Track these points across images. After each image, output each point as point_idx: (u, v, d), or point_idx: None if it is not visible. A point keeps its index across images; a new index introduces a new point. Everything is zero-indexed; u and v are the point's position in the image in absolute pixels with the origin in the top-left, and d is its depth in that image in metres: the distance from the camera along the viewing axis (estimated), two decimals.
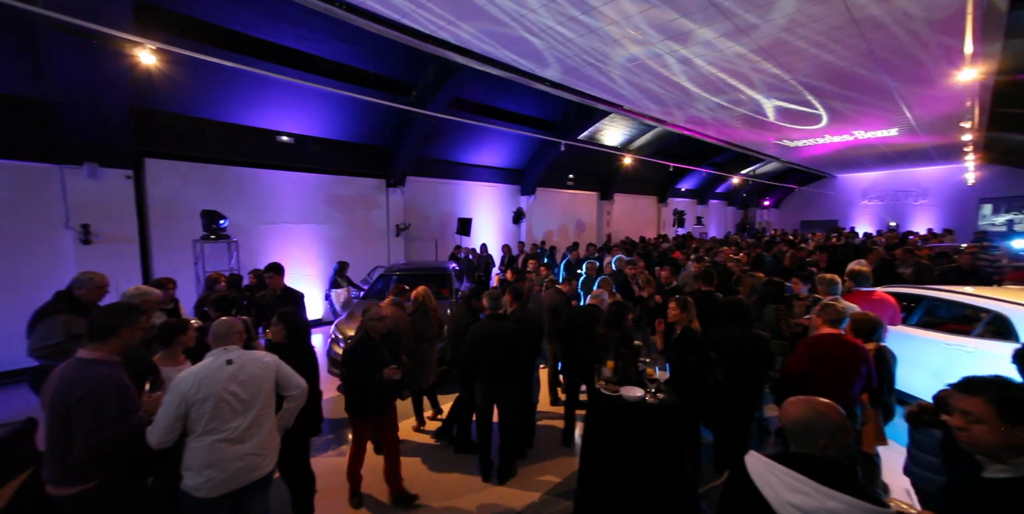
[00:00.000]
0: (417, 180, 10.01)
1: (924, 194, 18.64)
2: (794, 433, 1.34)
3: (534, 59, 5.93)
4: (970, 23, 3.95)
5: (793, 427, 1.34)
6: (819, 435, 1.29)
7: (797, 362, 2.79)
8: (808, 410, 1.35)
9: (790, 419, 1.36)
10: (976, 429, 1.21)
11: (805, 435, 1.32)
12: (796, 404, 1.39)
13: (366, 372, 2.72)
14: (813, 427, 1.31)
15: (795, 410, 1.37)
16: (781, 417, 1.40)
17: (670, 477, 2.47)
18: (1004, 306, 3.40)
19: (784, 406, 1.41)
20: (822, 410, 1.35)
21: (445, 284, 6.36)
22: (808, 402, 1.38)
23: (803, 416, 1.34)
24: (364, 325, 2.88)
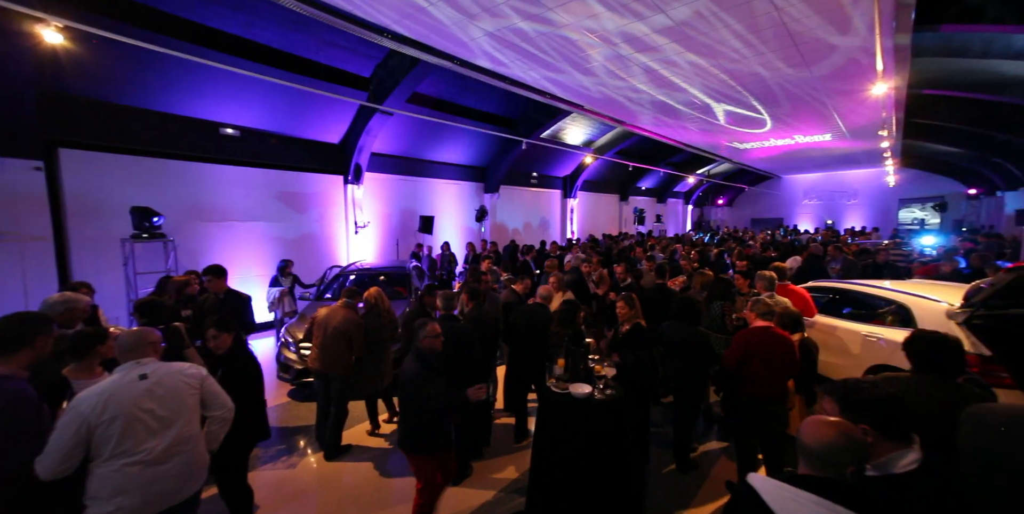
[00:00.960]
0: (377, 177, 9.72)
1: (855, 194, 20.35)
2: (820, 456, 1.19)
3: (490, 58, 5.90)
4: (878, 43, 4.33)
5: (821, 450, 1.19)
6: (849, 460, 1.18)
7: (733, 353, 2.97)
8: (836, 433, 1.21)
9: (818, 442, 1.20)
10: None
11: (835, 460, 1.19)
12: (822, 426, 1.23)
13: (435, 400, 2.38)
14: (844, 453, 1.19)
15: (823, 432, 1.22)
16: (804, 437, 1.23)
17: (618, 471, 2.55)
18: (906, 298, 3.78)
19: (808, 426, 1.25)
20: (851, 433, 1.22)
21: (404, 283, 6.24)
22: (834, 425, 1.24)
23: (833, 440, 1.20)
24: (419, 345, 2.47)
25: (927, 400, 1.99)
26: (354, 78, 7.61)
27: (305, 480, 3.13)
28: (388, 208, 10.11)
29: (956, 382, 2.05)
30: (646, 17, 4.54)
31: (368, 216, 9.25)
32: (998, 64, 6.28)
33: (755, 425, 2.95)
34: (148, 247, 5.75)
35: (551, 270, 5.84)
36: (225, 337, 2.37)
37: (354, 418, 3.87)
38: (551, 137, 12.00)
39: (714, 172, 19.91)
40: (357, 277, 6.20)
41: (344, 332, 3.33)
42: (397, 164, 10.16)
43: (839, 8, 4.21)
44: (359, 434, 3.77)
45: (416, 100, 8.59)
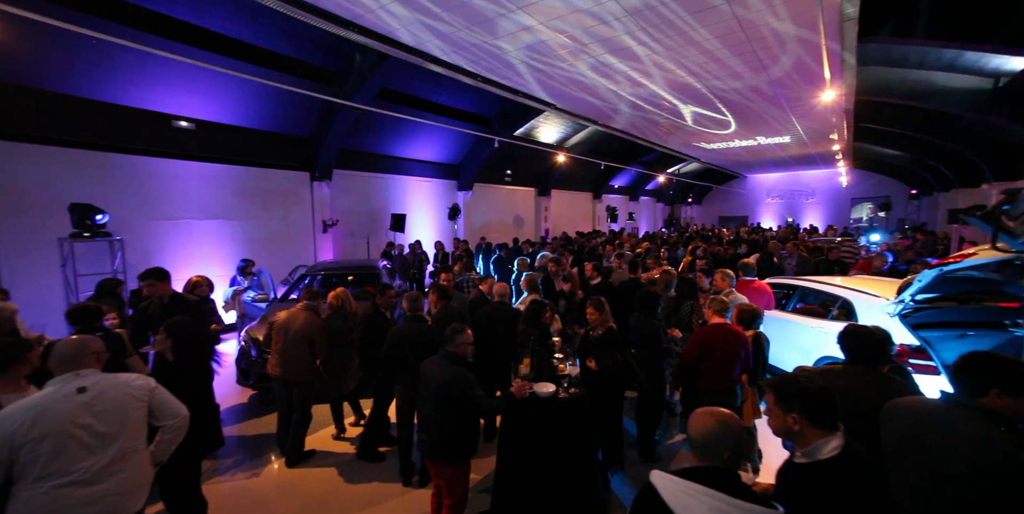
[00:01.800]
0: (346, 174, 9.48)
1: (812, 194, 21.52)
2: (702, 446, 1.29)
3: (463, 54, 5.86)
4: (824, 53, 4.60)
5: (702, 440, 1.29)
6: (725, 447, 1.27)
7: (691, 350, 3.11)
8: (714, 422, 1.30)
9: (698, 431, 1.31)
10: (770, 419, 1.47)
11: (713, 447, 1.28)
12: (702, 416, 1.34)
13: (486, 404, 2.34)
14: (721, 440, 1.28)
15: (702, 422, 1.32)
16: (689, 430, 1.34)
17: (581, 470, 2.61)
18: (849, 293, 4.06)
19: (692, 418, 1.36)
20: (727, 420, 1.31)
21: (374, 283, 6.13)
22: (712, 414, 1.33)
23: (711, 428, 1.29)
24: (455, 351, 2.43)
25: (857, 388, 2.16)
26: (321, 72, 7.38)
27: (265, 489, 3.05)
28: (358, 206, 9.88)
29: (883, 372, 2.24)
30: (609, 21, 4.63)
31: (337, 214, 9.02)
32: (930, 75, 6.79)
33: None
34: (92, 247, 5.39)
35: (523, 269, 5.90)
36: (166, 342, 2.25)
37: (318, 422, 3.80)
38: (525, 135, 12.05)
39: (684, 171, 20.54)
40: (324, 277, 6.05)
41: (306, 336, 3.26)
42: (368, 161, 9.94)
43: (795, 17, 4.44)
44: (324, 439, 3.70)
45: (386, 96, 8.42)
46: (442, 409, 2.34)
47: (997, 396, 1.41)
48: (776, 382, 1.52)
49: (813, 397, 1.46)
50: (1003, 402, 1.40)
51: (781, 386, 1.48)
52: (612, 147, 14.74)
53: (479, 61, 6.09)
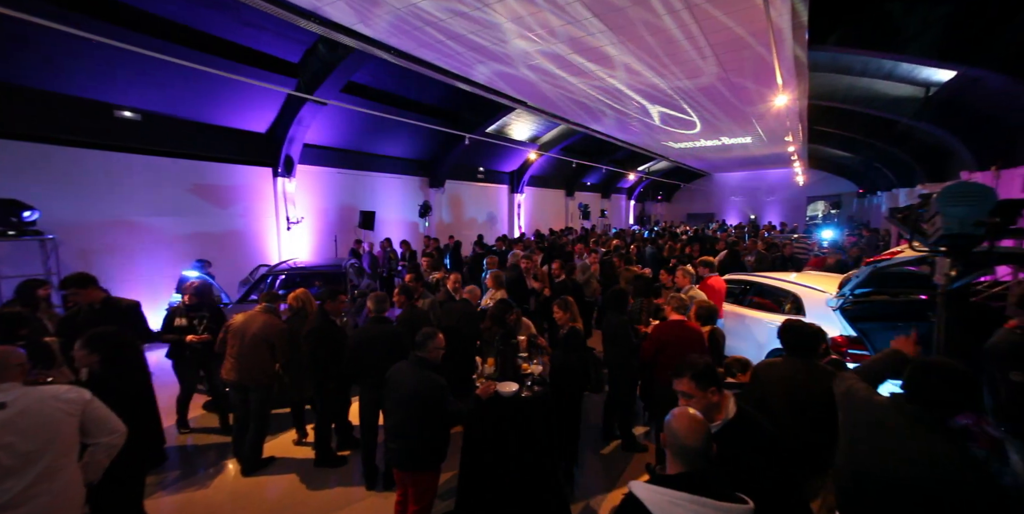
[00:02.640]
0: (311, 169, 9.17)
1: (773, 192, 22.61)
2: (698, 451, 1.26)
3: (431, 49, 5.76)
4: (776, 60, 4.84)
5: (701, 445, 1.26)
6: (711, 445, 1.27)
7: (650, 345, 3.23)
8: (701, 423, 1.29)
9: (694, 436, 1.26)
10: (691, 403, 1.57)
11: (707, 450, 1.26)
12: (692, 423, 1.29)
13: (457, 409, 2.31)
14: (709, 438, 1.27)
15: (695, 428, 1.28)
16: (682, 439, 1.27)
17: (545, 468, 2.65)
18: (798, 289, 4.32)
19: (677, 427, 1.30)
20: (703, 419, 1.32)
21: (340, 283, 5.99)
22: (692, 415, 1.31)
23: (703, 431, 1.27)
24: (426, 356, 2.38)
25: (794, 378, 2.32)
26: (281, 63, 7.07)
27: (217, 499, 2.93)
28: (325, 203, 9.59)
29: (816, 363, 2.41)
30: (581, 20, 4.68)
31: (302, 211, 8.72)
32: (873, 82, 7.27)
33: (670, 408, 3.24)
34: (16, 246, 4.97)
35: (492, 267, 5.92)
36: (88, 355, 2.08)
37: (278, 428, 3.69)
38: (497, 132, 12.01)
39: (654, 169, 21.09)
40: (287, 277, 5.84)
41: (265, 339, 3.15)
42: (334, 156, 9.64)
43: (747, 24, 4.63)
44: (284, 445, 3.60)
45: (352, 90, 8.18)
46: (414, 417, 2.30)
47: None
48: (689, 367, 1.66)
49: (712, 368, 1.68)
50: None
51: (695, 369, 1.65)
52: (584, 145, 14.93)
53: (448, 58, 6.02)
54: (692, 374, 1.63)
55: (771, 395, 2.35)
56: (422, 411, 2.29)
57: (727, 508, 1.15)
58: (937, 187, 2.00)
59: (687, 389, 1.63)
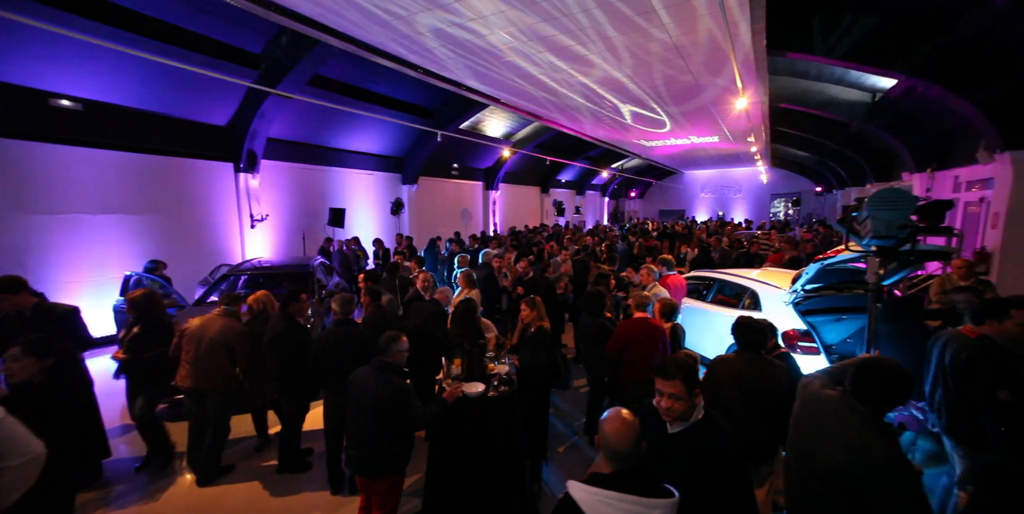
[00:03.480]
0: (278, 165, 8.83)
1: (740, 189, 23.53)
2: (625, 454, 1.32)
3: (399, 43, 5.64)
4: (734, 65, 5.03)
5: (626, 449, 1.32)
6: (639, 446, 1.33)
7: (615, 342, 3.32)
8: (629, 430, 1.34)
9: (623, 442, 1.32)
10: (677, 404, 1.59)
11: (634, 453, 1.32)
12: (620, 427, 1.35)
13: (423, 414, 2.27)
14: (638, 441, 1.33)
15: (623, 432, 1.34)
16: (611, 443, 1.33)
17: (511, 468, 2.68)
18: (755, 284, 4.54)
19: (608, 431, 1.36)
20: (635, 422, 1.36)
21: (307, 282, 5.81)
22: (626, 423, 1.36)
23: (631, 436, 1.33)
24: (391, 360, 2.35)
25: (746, 371, 2.45)
26: (241, 54, 6.75)
27: (167, 513, 2.81)
28: (291, 199, 9.27)
29: (765, 357, 2.56)
30: (555, 17, 4.69)
31: (267, 208, 8.39)
32: (826, 87, 7.67)
33: (633, 402, 3.35)
34: None
35: (463, 265, 5.90)
36: (27, 363, 1.94)
37: (239, 434, 3.58)
38: (470, 129, 11.92)
39: (627, 167, 21.49)
40: (251, 277, 5.62)
41: (224, 343, 3.03)
42: (301, 152, 9.32)
43: (707, 29, 4.78)
44: (245, 452, 3.49)
45: (318, 83, 7.91)
46: (376, 423, 2.27)
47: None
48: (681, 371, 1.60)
49: (695, 370, 1.67)
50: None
51: (686, 371, 1.60)
52: (558, 142, 15.02)
53: (418, 52, 5.91)
54: (684, 375, 1.57)
55: (724, 388, 2.48)
56: (386, 417, 2.26)
57: (653, 503, 1.22)
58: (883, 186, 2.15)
59: (676, 391, 1.57)
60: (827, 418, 1.67)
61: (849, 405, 1.62)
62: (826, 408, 1.69)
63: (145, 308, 3.15)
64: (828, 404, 1.69)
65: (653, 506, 1.22)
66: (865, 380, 1.62)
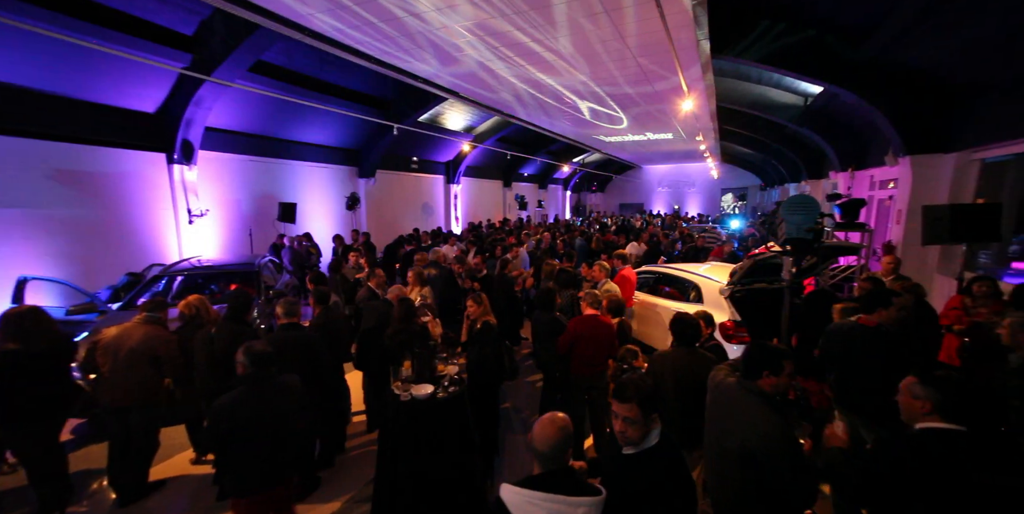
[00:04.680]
0: (220, 157, 8.22)
1: (693, 184, 24.69)
2: (550, 455, 1.36)
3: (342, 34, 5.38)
4: (679, 69, 5.25)
5: (550, 450, 1.36)
6: (566, 448, 1.38)
7: (565, 339, 3.42)
8: (556, 431, 1.38)
9: (546, 444, 1.36)
10: (631, 429, 1.54)
11: (559, 454, 1.37)
12: (545, 428, 1.39)
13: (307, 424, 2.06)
14: (564, 444, 1.37)
15: (547, 434, 1.38)
16: (535, 444, 1.38)
17: (463, 469, 2.70)
18: (698, 279, 4.83)
19: (537, 432, 1.40)
20: (565, 425, 1.40)
21: (253, 283, 5.51)
22: (553, 423, 1.40)
23: (555, 437, 1.37)
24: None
25: (682, 365, 2.62)
26: (171, 35, 6.16)
27: None
28: (236, 193, 8.69)
29: (699, 350, 2.74)
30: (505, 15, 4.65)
31: (207, 203, 7.81)
32: (766, 90, 8.17)
33: (582, 397, 3.49)
34: None
35: (421, 263, 5.81)
36: None
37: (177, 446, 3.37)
38: (429, 121, 11.65)
39: (588, 161, 21.88)
40: (186, 278, 5.24)
41: (147, 353, 2.81)
42: (247, 143, 8.72)
43: (656, 31, 4.93)
44: (179, 465, 3.28)
45: (262, 70, 7.40)
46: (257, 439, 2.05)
47: (766, 376, 1.81)
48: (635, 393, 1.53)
49: (655, 395, 1.59)
50: (770, 381, 1.81)
51: (643, 395, 1.53)
52: (519, 136, 15.02)
53: (373, 43, 5.67)
54: (640, 399, 1.51)
55: (663, 381, 2.64)
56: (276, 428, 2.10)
57: (577, 501, 1.27)
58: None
59: (632, 415, 1.52)
60: (731, 402, 1.84)
61: (745, 386, 1.81)
62: (729, 394, 1.86)
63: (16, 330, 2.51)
64: (730, 390, 1.86)
65: (577, 504, 1.27)
66: (748, 357, 1.85)
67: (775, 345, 1.94)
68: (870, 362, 2.57)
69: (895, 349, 2.50)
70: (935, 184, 5.37)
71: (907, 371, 1.63)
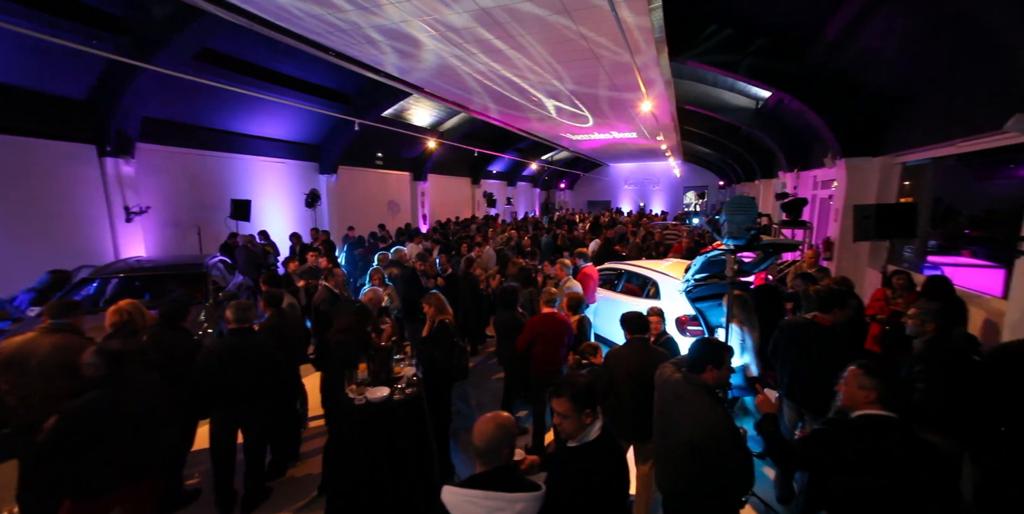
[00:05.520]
0: (163, 150, 7.66)
1: (658, 182, 25.49)
2: (487, 451, 1.38)
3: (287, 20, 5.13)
4: (636, 72, 5.40)
5: (486, 446, 1.38)
6: (506, 446, 1.39)
7: (523, 338, 3.44)
8: (494, 427, 1.39)
9: (483, 440, 1.38)
10: (565, 423, 1.58)
11: (496, 450, 1.38)
12: (484, 425, 1.41)
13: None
14: (503, 441, 1.39)
15: (484, 430, 1.39)
16: (474, 441, 1.40)
17: (419, 470, 2.66)
18: (654, 274, 5.00)
19: (474, 429, 1.42)
20: (505, 423, 1.42)
21: (199, 285, 5.16)
22: (493, 420, 1.42)
23: (493, 434, 1.38)
24: None
25: (634, 359, 2.70)
26: (100, 17, 5.63)
27: None
28: (183, 189, 8.13)
29: (651, 345, 2.84)
30: (461, 13, 4.58)
31: (148, 199, 7.25)
32: (721, 92, 8.54)
33: (543, 395, 3.52)
34: None
35: (383, 263, 5.67)
36: None
37: None
38: (395, 117, 11.35)
39: (556, 159, 22.09)
40: (122, 280, 4.82)
41: (61, 365, 2.52)
42: (195, 135, 8.17)
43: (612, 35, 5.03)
44: None
45: (210, 59, 6.94)
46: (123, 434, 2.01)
47: (710, 370, 1.89)
48: (568, 389, 1.58)
49: (591, 390, 1.63)
50: (713, 374, 1.90)
51: (575, 392, 1.57)
52: (487, 133, 14.94)
53: (328, 35, 5.43)
54: (571, 395, 1.56)
55: (617, 376, 2.72)
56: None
57: (515, 497, 1.29)
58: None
59: (563, 410, 1.56)
60: (677, 398, 1.92)
61: (690, 381, 1.90)
62: (675, 389, 1.94)
63: None
64: (676, 385, 1.95)
65: (515, 500, 1.28)
66: (693, 351, 1.94)
67: (717, 340, 2.04)
68: (822, 359, 2.64)
69: (846, 347, 2.64)
70: (866, 185, 5.82)
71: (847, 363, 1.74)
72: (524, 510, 1.27)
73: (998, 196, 4.22)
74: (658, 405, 2.07)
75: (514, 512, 1.26)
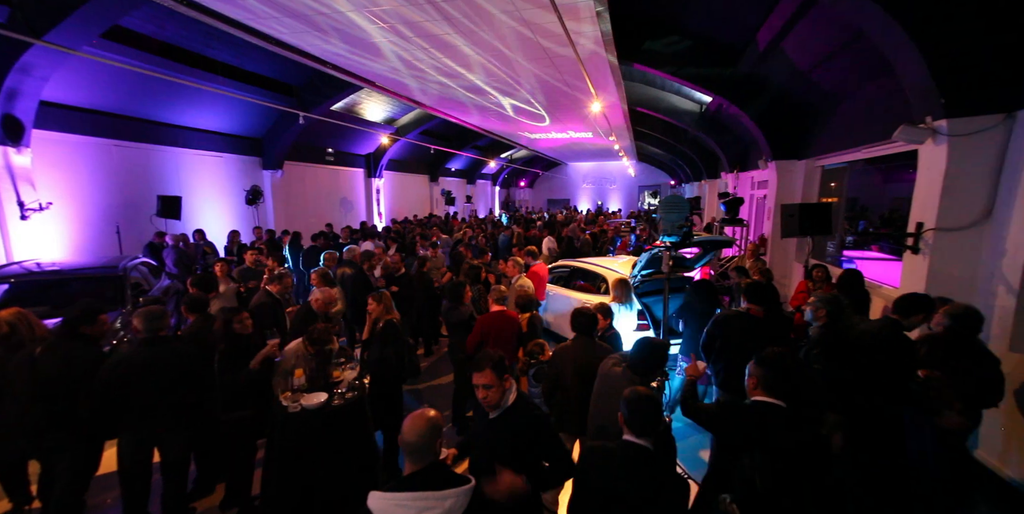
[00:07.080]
0: (71, 139, 6.83)
1: (614, 181, 26.32)
2: (420, 447, 1.34)
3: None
4: (585, 74, 5.52)
5: (419, 441, 1.34)
6: (434, 441, 1.37)
7: (473, 337, 3.40)
8: (425, 422, 1.37)
9: (415, 434, 1.34)
10: (491, 393, 1.69)
11: (429, 445, 1.35)
12: (414, 421, 1.38)
13: None
14: (434, 437, 1.36)
15: (415, 425, 1.36)
16: (406, 439, 1.35)
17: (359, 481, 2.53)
18: (605, 271, 5.13)
19: (406, 428, 1.38)
20: (435, 418, 1.40)
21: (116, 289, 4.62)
22: (422, 416, 1.39)
23: (424, 428, 1.35)
24: None
25: (581, 354, 2.72)
26: None
27: None
28: (96, 184, 7.29)
29: (597, 341, 2.88)
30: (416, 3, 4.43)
31: (49, 194, 6.41)
32: (668, 96, 8.93)
33: None
34: None
35: (330, 263, 5.39)
36: None
37: None
38: (345, 111, 10.84)
39: (515, 157, 22.16)
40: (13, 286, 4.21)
41: None
42: (109, 124, 7.34)
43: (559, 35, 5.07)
44: None
45: (123, 38, 6.24)
46: None
47: None
48: (486, 362, 1.72)
49: (503, 360, 1.80)
50: None
51: (494, 361, 1.73)
52: (444, 130, 14.68)
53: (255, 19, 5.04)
54: (492, 365, 1.71)
55: (564, 371, 2.74)
56: None
57: (444, 494, 1.25)
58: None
59: (488, 381, 1.68)
60: (616, 391, 1.96)
61: (628, 376, 1.96)
62: (614, 383, 1.99)
63: None
64: (615, 379, 2.00)
65: (445, 497, 1.25)
66: (637, 355, 2.01)
67: (657, 339, 2.11)
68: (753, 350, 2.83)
69: (777, 338, 2.82)
70: (793, 186, 6.34)
71: None
72: (454, 505, 1.24)
73: (900, 196, 4.74)
74: (596, 396, 2.11)
75: (444, 509, 1.23)
